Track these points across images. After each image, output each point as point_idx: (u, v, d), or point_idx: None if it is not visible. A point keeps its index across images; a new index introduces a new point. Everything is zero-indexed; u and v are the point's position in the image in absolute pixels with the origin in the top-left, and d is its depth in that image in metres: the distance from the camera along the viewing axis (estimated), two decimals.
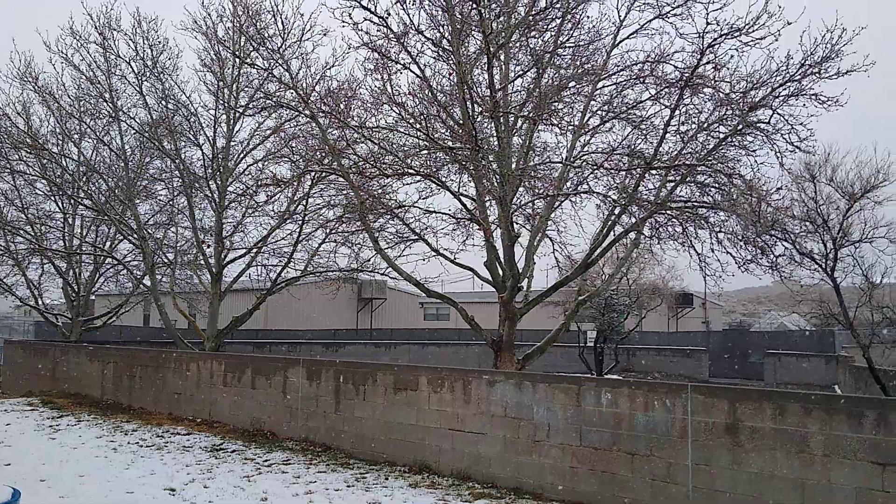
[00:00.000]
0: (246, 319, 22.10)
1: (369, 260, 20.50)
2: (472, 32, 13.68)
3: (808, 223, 15.19)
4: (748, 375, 37.90)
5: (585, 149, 15.25)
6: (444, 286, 37.69)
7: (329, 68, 17.99)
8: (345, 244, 20.57)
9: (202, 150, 21.12)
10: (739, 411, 7.93)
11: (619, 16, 14.00)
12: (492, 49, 12.29)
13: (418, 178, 14.96)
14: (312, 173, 18.57)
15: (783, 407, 7.65)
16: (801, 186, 15.22)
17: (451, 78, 13.81)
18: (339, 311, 47.14)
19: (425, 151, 14.65)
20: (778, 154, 12.96)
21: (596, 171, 14.29)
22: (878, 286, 15.53)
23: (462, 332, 42.38)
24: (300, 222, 20.83)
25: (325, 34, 17.83)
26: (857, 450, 7.14)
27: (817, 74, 12.26)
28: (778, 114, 12.71)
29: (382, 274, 20.49)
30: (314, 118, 15.52)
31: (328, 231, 20.56)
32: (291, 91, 15.81)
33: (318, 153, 17.26)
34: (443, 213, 15.75)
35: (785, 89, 12.56)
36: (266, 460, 11.31)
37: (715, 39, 12.04)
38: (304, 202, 20.40)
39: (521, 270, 14.94)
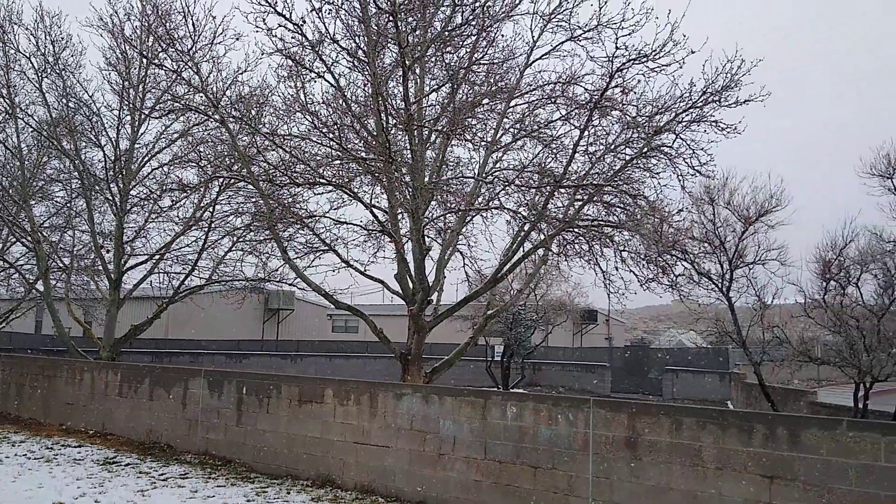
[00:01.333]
0: (145, 328, 21.32)
1: (277, 270, 20.11)
2: (388, 45, 13.70)
3: (706, 244, 15.81)
4: (648, 391, 39.07)
5: (497, 165, 15.45)
6: (354, 298, 37.36)
7: (241, 73, 17.68)
8: (252, 253, 20.16)
9: (104, 151, 20.31)
10: (638, 425, 8.15)
11: (533, 36, 14.31)
12: (407, 62, 12.33)
13: (330, 188, 14.83)
14: (220, 179, 18.13)
15: (679, 421, 7.91)
16: (701, 209, 15.84)
17: (366, 89, 13.77)
18: (245, 322, 46.09)
19: (338, 161, 14.53)
20: (680, 177, 13.46)
21: (507, 188, 14.48)
22: (769, 306, 16.28)
23: (371, 345, 42.11)
24: (206, 229, 20.29)
25: (237, 38, 17.45)
26: (746, 463, 7.43)
27: (718, 102, 12.81)
28: (681, 138, 13.20)
29: (290, 284, 20.15)
30: (224, 123, 15.18)
31: (235, 239, 20.11)
32: (201, 95, 15.42)
33: (227, 159, 16.89)
34: (354, 225, 15.65)
35: (688, 115, 13.05)
36: (162, 474, 10.91)
37: (623, 64, 12.42)
38: (210, 209, 19.89)
39: (431, 284, 14.98)
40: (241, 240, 19.84)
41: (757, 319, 16.05)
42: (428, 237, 15.59)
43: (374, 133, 13.59)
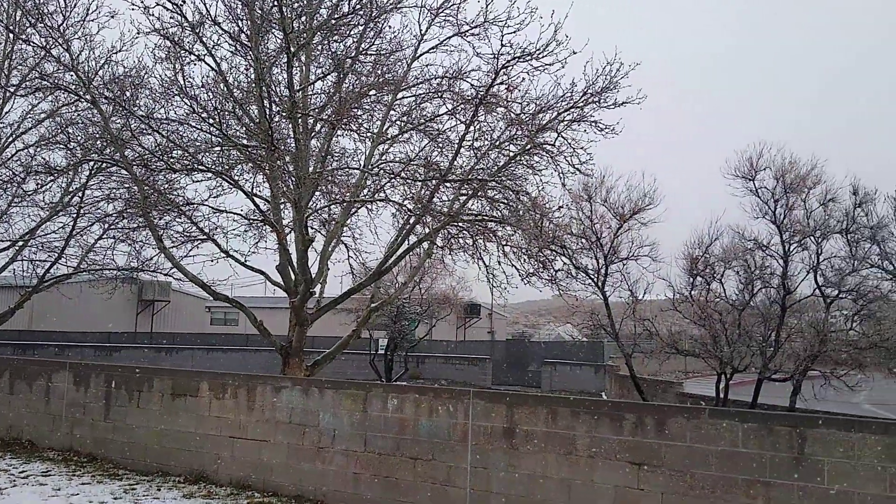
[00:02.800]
0: (7, 318, 20.00)
1: (152, 259, 19.25)
2: (273, 30, 13.38)
3: (584, 240, 16.32)
4: (527, 383, 39.99)
5: (383, 157, 15.38)
6: (234, 290, 36.44)
7: (115, 53, 16.71)
8: (125, 241, 19.19)
9: None
10: (516, 416, 8.31)
11: (421, 29, 14.30)
12: (292, 48, 12.09)
13: (210, 175, 14.35)
14: (91, 163, 17.21)
15: (555, 411, 8.12)
16: (580, 206, 16.33)
17: (249, 74, 13.40)
18: (117, 313, 44.04)
19: (218, 148, 14.09)
20: (561, 175, 13.82)
21: (393, 180, 14.46)
22: (640, 301, 16.98)
23: (251, 338, 41.12)
24: (75, 215, 19.19)
25: (112, 16, 16.52)
26: (617, 451, 7.71)
27: (597, 103, 13.23)
28: (562, 137, 13.54)
29: (166, 275, 19.29)
30: (96, 104, 14.40)
31: (107, 226, 19.11)
32: (71, 73, 14.56)
33: (98, 142, 16.03)
34: (235, 214, 15.22)
35: (569, 114, 13.42)
36: (22, 472, 10.28)
37: (508, 61, 12.61)
38: (80, 194, 18.84)
39: (314, 276, 14.75)
40: (112, 227, 18.86)
41: (629, 313, 16.71)
42: (312, 228, 15.36)
43: (257, 120, 13.26)
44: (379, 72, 14.69)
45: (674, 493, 7.34)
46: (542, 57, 12.57)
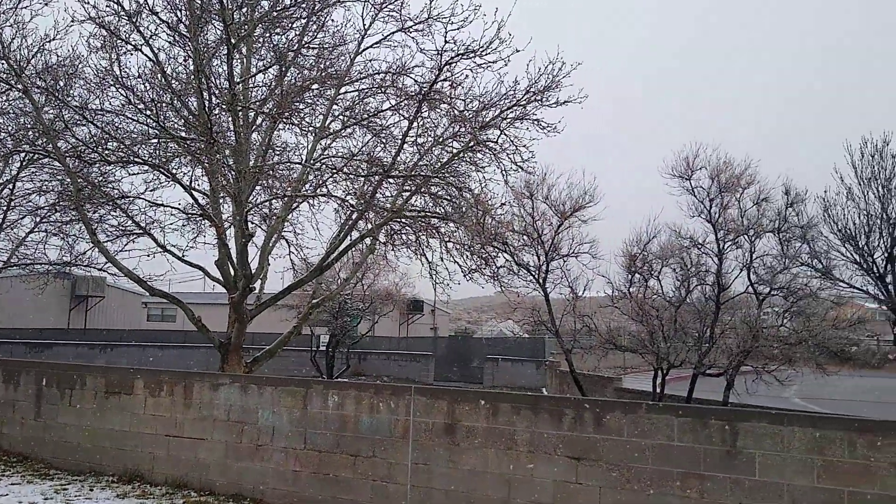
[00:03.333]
0: None
1: (85, 253, 18.71)
2: (213, 21, 13.12)
3: (525, 237, 16.45)
4: (470, 379, 40.19)
5: (326, 152, 15.23)
6: (172, 285, 35.64)
7: (49, 41, 16.18)
8: (57, 235, 18.63)
9: None
10: (457, 412, 8.34)
11: (364, 24, 14.20)
12: (233, 40, 11.89)
13: (146, 167, 14.02)
14: (23, 154, 16.63)
15: (496, 407, 8.17)
16: (522, 203, 16.44)
17: (188, 65, 13.13)
18: (49, 310, 42.65)
19: (155, 140, 13.76)
20: (504, 172, 13.88)
21: (335, 175, 14.33)
22: (580, 297, 17.20)
23: (189, 335, 40.34)
24: (4, 208, 18.55)
25: (46, 3, 15.99)
26: (556, 446, 7.81)
27: (540, 102, 13.33)
28: (505, 135, 13.60)
29: (100, 269, 18.80)
30: (28, 94, 13.92)
31: (38, 219, 18.51)
32: (2, 62, 14.04)
33: (30, 133, 15.50)
34: (172, 207, 14.85)
35: (512, 112, 13.48)
36: None
37: (452, 58, 12.61)
38: (10, 186, 18.20)
39: (254, 271, 14.54)
40: (44, 220, 18.28)
41: (570, 309, 16.91)
42: (252, 223, 15.15)
43: (196, 112, 13.00)
44: (322, 66, 14.54)
45: (611, 487, 7.47)
46: (486, 54, 12.61)
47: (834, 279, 14.94)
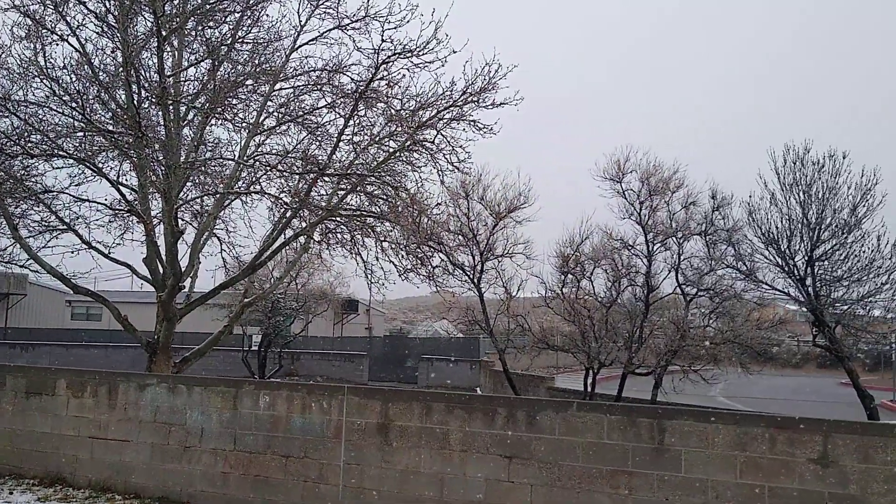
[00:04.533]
0: None
1: (6, 249, 17.98)
2: (143, 12, 12.78)
3: (461, 237, 16.52)
4: (404, 379, 40.16)
5: (260, 149, 14.99)
6: (98, 283, 34.54)
7: None
8: None
9: None
10: (391, 412, 8.31)
11: (300, 20, 14.04)
12: (163, 32, 11.59)
13: (71, 161, 13.55)
14: None
15: (429, 407, 8.18)
16: (457, 203, 16.51)
17: (116, 57, 12.75)
18: None
19: (81, 133, 13.31)
20: (440, 172, 13.91)
21: (269, 173, 14.14)
22: (514, 297, 17.37)
23: (115, 334, 39.26)
24: None
25: None
26: (489, 444, 7.85)
27: (476, 103, 13.39)
28: (442, 135, 13.63)
29: (22, 266, 18.10)
30: None
31: None
32: None
33: None
34: (98, 203, 14.44)
35: (449, 113, 13.51)
36: None
37: (389, 57, 12.59)
38: None
39: (183, 269, 14.22)
40: None
41: (504, 309, 17.06)
42: (182, 220, 14.81)
43: (124, 105, 12.63)
44: (256, 61, 14.31)
45: (543, 485, 7.55)
46: (423, 54, 12.63)
47: (757, 281, 15.41)
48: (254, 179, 14.54)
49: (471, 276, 16.78)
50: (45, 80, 12.65)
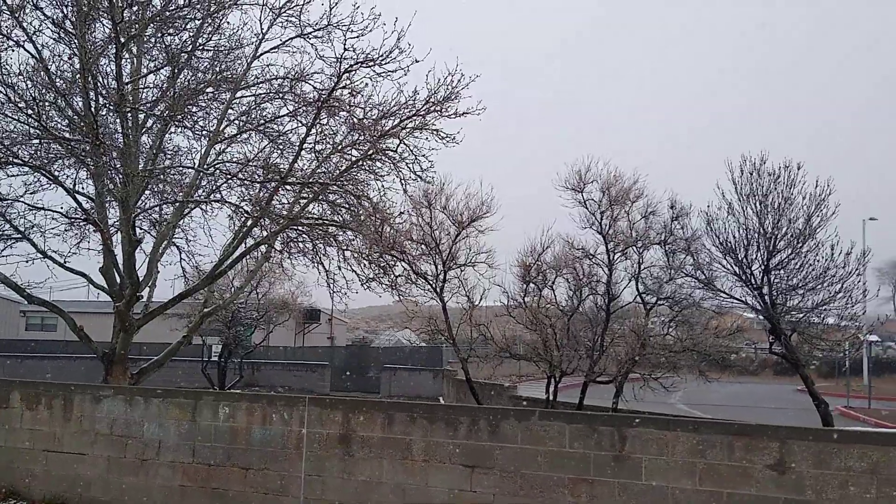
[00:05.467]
0: None
1: None
2: (102, 18, 12.59)
3: (423, 246, 16.49)
4: (367, 389, 39.90)
5: (220, 157, 14.87)
6: (53, 293, 33.76)
7: None
8: None
9: None
10: (352, 422, 8.26)
11: (262, 28, 13.97)
12: (122, 39, 11.44)
13: (26, 169, 13.30)
14: None
15: (391, 417, 8.15)
16: (420, 212, 16.47)
17: (74, 63, 12.55)
18: None
19: (36, 141, 13.08)
20: (403, 181, 13.95)
21: (230, 181, 14.03)
22: (477, 306, 17.37)
23: (72, 345, 38.39)
24: None
25: None
26: (452, 454, 7.84)
27: (439, 112, 13.45)
28: (405, 144, 13.67)
29: None
30: None
31: None
32: None
33: None
34: (54, 212, 14.16)
35: (412, 122, 13.55)
36: None
37: (351, 66, 12.60)
38: None
39: (141, 279, 14.01)
40: None
41: (466, 318, 17.05)
42: (141, 229, 14.60)
43: (82, 112, 12.43)
44: (217, 68, 14.20)
45: (505, 494, 7.56)
46: (385, 63, 12.67)
47: (715, 290, 15.61)
48: (214, 188, 14.40)
49: (433, 285, 16.74)
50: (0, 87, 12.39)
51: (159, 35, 13.61)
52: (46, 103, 12.60)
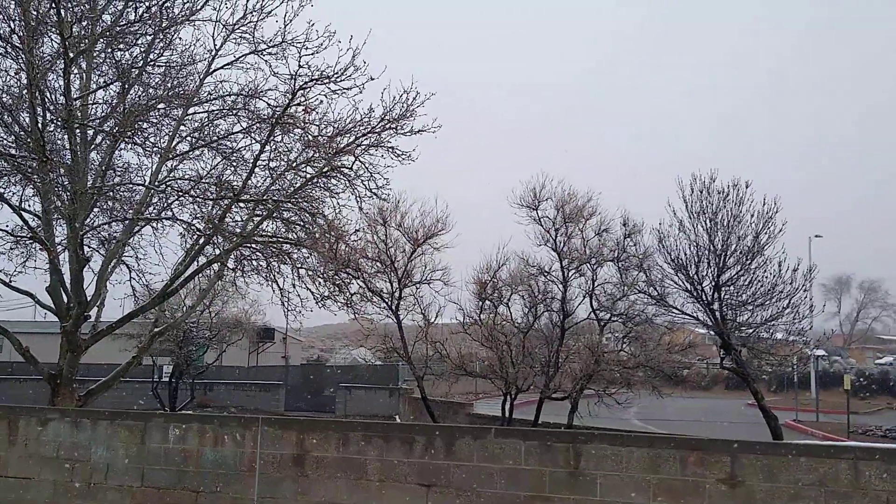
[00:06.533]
0: None
1: None
2: (50, 33, 12.36)
3: (379, 263, 16.48)
4: (322, 408, 39.45)
5: (172, 174, 14.64)
6: None
7: None
8: None
9: None
10: (307, 442, 8.15)
11: (215, 44, 13.85)
12: (71, 54, 11.23)
13: None
14: None
15: (347, 436, 8.06)
16: (375, 229, 16.48)
17: (21, 78, 12.29)
18: None
19: None
20: (358, 199, 13.89)
21: (182, 198, 13.82)
22: (432, 324, 17.39)
23: (17, 366, 37.30)
24: None
25: None
26: (407, 473, 7.78)
27: (394, 130, 13.47)
28: (360, 161, 13.64)
29: None
30: None
31: None
32: None
33: None
34: None
35: (367, 139, 13.54)
36: None
37: (306, 83, 12.55)
38: None
39: (90, 298, 13.68)
40: None
41: (422, 336, 17.05)
42: (89, 247, 14.29)
43: (28, 128, 12.16)
44: (169, 84, 14.01)
45: None
46: (341, 81, 12.65)
47: (668, 306, 15.90)
48: (165, 205, 14.17)
49: (389, 303, 16.73)
50: None
51: (109, 50, 13.40)
52: None
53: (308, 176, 13.80)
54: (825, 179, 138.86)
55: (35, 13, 11.64)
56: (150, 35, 13.25)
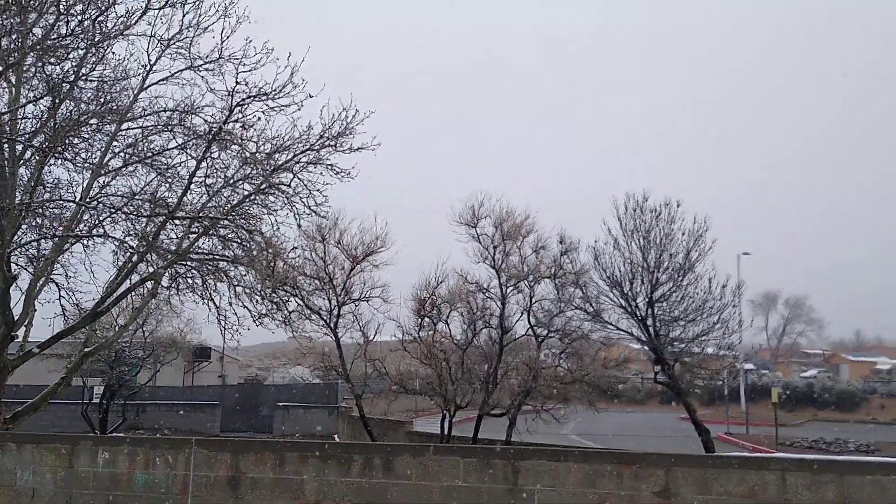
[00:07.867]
0: None
1: None
2: None
3: (317, 281, 16.36)
4: (259, 428, 38.85)
5: (104, 190, 14.32)
6: None
7: None
8: None
9: None
10: (242, 463, 8.05)
11: (150, 60, 13.64)
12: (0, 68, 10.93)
13: None
14: None
15: (283, 457, 7.98)
16: (314, 247, 16.37)
17: None
18: None
19: None
20: (297, 216, 13.81)
21: (114, 215, 13.53)
22: (371, 341, 17.31)
23: None
24: None
25: None
26: (345, 492, 7.74)
27: (333, 147, 13.46)
28: (298, 178, 13.58)
29: None
30: None
31: None
32: None
33: None
34: None
35: (306, 156, 13.51)
36: None
37: (244, 99, 12.46)
38: None
39: (17, 318, 13.24)
40: None
41: (361, 354, 16.96)
42: (16, 265, 13.83)
43: None
44: (101, 99, 13.72)
45: None
46: (279, 98, 12.62)
47: (603, 322, 16.19)
48: (97, 222, 13.84)
49: (327, 321, 16.61)
50: None
51: (40, 64, 13.07)
52: None
53: (246, 193, 13.67)
54: (753, 198, 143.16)
55: None
56: (82, 49, 12.96)
